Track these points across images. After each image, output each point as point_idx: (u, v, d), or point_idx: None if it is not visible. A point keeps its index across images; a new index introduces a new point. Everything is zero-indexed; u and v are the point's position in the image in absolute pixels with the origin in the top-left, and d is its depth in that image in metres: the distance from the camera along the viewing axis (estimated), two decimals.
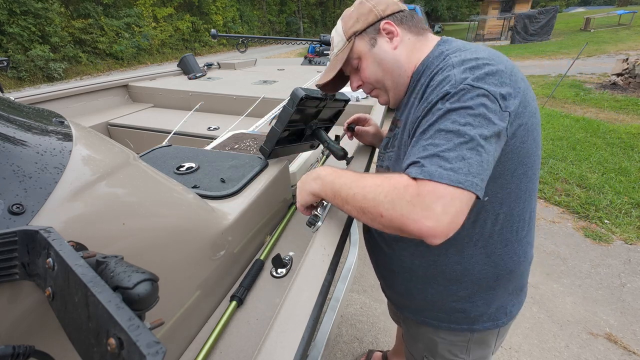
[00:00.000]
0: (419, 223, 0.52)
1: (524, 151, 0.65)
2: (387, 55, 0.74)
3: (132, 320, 0.24)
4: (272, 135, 0.92)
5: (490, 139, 0.56)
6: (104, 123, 2.17)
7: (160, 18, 17.28)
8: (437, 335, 0.89)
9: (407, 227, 0.53)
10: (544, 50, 12.29)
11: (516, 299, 0.83)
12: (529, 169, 0.68)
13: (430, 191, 0.52)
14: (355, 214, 0.63)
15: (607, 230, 2.64)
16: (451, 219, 0.51)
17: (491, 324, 0.82)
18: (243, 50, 3.33)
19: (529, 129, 0.64)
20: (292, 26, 28.25)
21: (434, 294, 0.82)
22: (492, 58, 0.62)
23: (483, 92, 0.57)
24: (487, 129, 0.55)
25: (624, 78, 6.58)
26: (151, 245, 0.54)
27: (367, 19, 0.75)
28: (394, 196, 0.55)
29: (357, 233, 1.10)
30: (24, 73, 11.23)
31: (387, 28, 0.73)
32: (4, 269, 0.35)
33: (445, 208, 0.51)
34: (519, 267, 0.77)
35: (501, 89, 0.58)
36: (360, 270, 2.33)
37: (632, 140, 4.09)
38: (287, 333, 0.48)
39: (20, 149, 0.43)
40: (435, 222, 0.51)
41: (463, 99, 0.57)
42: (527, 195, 0.71)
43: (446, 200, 0.51)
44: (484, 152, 0.54)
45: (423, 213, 0.51)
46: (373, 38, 0.75)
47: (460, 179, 0.52)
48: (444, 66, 0.64)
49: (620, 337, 1.80)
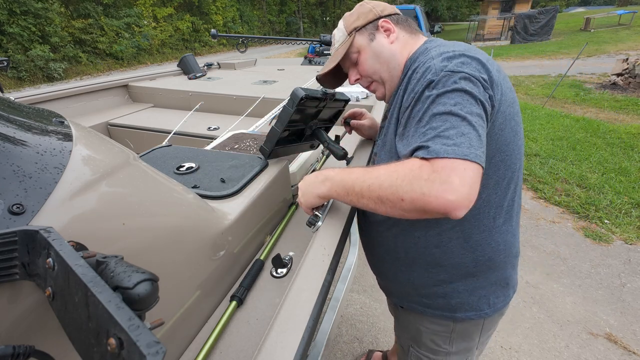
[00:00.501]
0: (440, 198, 0.53)
1: (502, 139, 0.69)
2: (384, 48, 0.81)
3: (132, 320, 0.24)
4: (272, 135, 0.92)
5: (480, 116, 0.60)
6: (104, 123, 2.17)
7: (160, 18, 17.29)
8: (421, 324, 0.92)
9: (430, 204, 0.54)
10: (544, 50, 12.30)
11: (501, 292, 0.84)
12: (507, 157, 0.71)
13: (444, 166, 0.54)
14: (373, 206, 0.63)
15: (607, 230, 2.64)
16: (469, 189, 0.54)
17: (473, 313, 0.83)
18: (243, 50, 3.33)
19: (506, 117, 0.68)
20: (292, 26, 28.25)
21: (416, 277, 0.85)
22: (469, 50, 0.68)
23: (464, 76, 0.61)
24: (475, 106, 0.60)
25: (624, 78, 6.58)
26: (151, 245, 0.54)
27: (367, 17, 0.83)
28: (411, 177, 0.56)
29: (357, 233, 1.10)
30: (24, 73, 11.23)
31: (385, 25, 0.82)
32: (4, 269, 0.35)
33: (461, 179, 0.53)
34: (498, 255, 0.79)
35: (481, 74, 0.63)
36: (360, 270, 2.33)
37: (632, 140, 4.09)
38: (287, 333, 0.48)
39: (21, 149, 0.43)
40: (456, 194, 0.53)
41: (447, 83, 0.61)
42: (506, 184, 0.73)
43: (460, 172, 0.54)
44: (478, 127, 0.58)
45: (443, 187, 0.53)
46: (372, 33, 0.82)
47: (465, 152, 0.55)
48: (425, 59, 0.70)
49: (620, 337, 1.80)
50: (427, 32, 7.57)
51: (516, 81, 8.20)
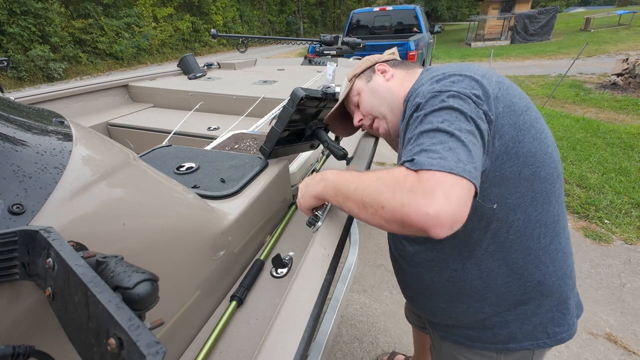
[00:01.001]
0: (420, 212, 0.49)
1: (524, 151, 0.64)
2: (380, 86, 0.86)
3: (132, 320, 0.24)
4: (272, 135, 0.92)
5: (470, 132, 0.56)
6: (104, 123, 2.17)
7: (160, 18, 17.28)
8: (460, 353, 0.86)
9: (409, 216, 0.50)
10: (544, 50, 12.30)
11: (561, 319, 0.75)
12: (538, 169, 0.65)
13: (429, 178, 0.51)
14: (357, 211, 0.61)
15: (607, 230, 2.64)
16: (454, 206, 0.49)
17: (530, 343, 0.75)
18: (243, 50, 3.33)
19: (520, 127, 0.63)
20: (292, 26, 28.25)
21: (459, 312, 0.79)
22: (460, 69, 0.66)
23: (452, 94, 0.60)
24: (465, 123, 0.57)
25: (624, 78, 6.58)
26: (151, 245, 0.54)
27: (365, 64, 0.93)
28: (394, 185, 0.54)
29: (357, 233, 1.10)
30: (24, 73, 11.23)
31: (381, 68, 0.89)
32: (4, 269, 0.35)
33: (446, 195, 0.49)
34: (549, 278, 0.72)
35: (472, 91, 0.61)
36: (360, 270, 2.33)
37: (632, 140, 4.09)
38: (287, 333, 0.48)
39: (21, 149, 0.43)
40: (437, 209, 0.48)
41: (434, 103, 0.60)
42: (545, 198, 0.68)
43: (446, 187, 0.50)
44: (468, 143, 0.55)
45: (425, 201, 0.49)
46: (369, 76, 0.90)
47: (451, 165, 0.51)
48: (417, 86, 0.71)
49: (620, 337, 1.80)
50: (427, 32, 7.55)
51: (516, 81, 8.20)
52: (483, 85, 0.63)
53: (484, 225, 0.68)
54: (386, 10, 7.58)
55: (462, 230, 0.62)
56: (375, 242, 2.62)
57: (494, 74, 0.68)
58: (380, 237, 2.68)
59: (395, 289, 2.17)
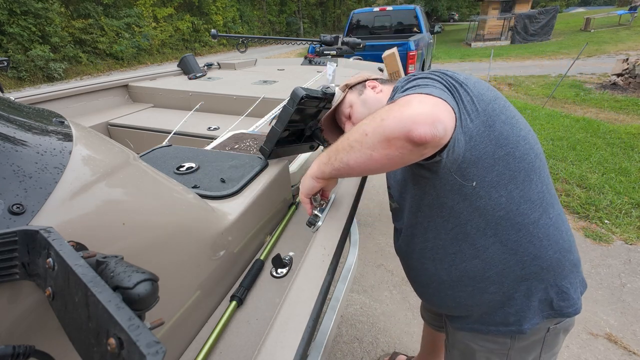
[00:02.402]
0: (397, 118, 0.55)
1: (496, 134, 0.69)
2: (370, 98, 0.94)
3: (132, 320, 0.24)
4: (272, 135, 0.92)
5: (442, 88, 0.63)
6: (104, 123, 2.17)
7: (160, 18, 17.29)
8: (474, 342, 0.87)
9: (389, 127, 0.56)
10: (544, 50, 12.30)
11: (566, 294, 0.77)
12: (512, 149, 0.70)
13: (405, 97, 0.59)
14: (347, 158, 0.66)
15: (607, 231, 2.64)
16: (430, 107, 0.56)
17: (538, 318, 0.78)
18: (243, 50, 3.33)
19: (490, 113, 0.69)
20: (292, 26, 28.25)
21: (465, 297, 0.82)
22: (432, 70, 0.73)
23: (424, 75, 0.68)
24: (438, 84, 0.65)
25: (624, 78, 6.58)
26: (151, 245, 0.54)
27: (357, 79, 1.02)
28: (376, 114, 0.61)
29: (357, 233, 1.10)
30: (24, 73, 11.23)
31: (372, 83, 0.98)
32: (4, 269, 0.35)
33: (420, 101, 0.57)
34: (545, 252, 0.74)
35: (440, 77, 0.68)
36: (360, 270, 2.33)
37: (632, 141, 4.09)
38: (287, 333, 0.48)
39: (21, 149, 0.43)
40: (412, 111, 0.55)
41: (407, 85, 0.67)
42: (525, 176, 0.72)
43: (420, 98, 0.57)
44: (441, 87, 0.63)
45: (400, 109, 0.56)
46: (361, 90, 0.97)
47: (427, 91, 0.59)
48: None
49: (620, 337, 1.80)
50: (427, 32, 7.55)
51: (516, 81, 8.20)
52: (451, 76, 0.69)
53: (468, 204, 0.73)
54: (386, 10, 7.58)
55: (450, 210, 0.75)
56: (375, 242, 2.62)
57: (461, 73, 0.73)
58: (380, 237, 2.68)
59: (395, 289, 2.17)
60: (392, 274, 2.31)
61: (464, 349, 0.91)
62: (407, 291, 2.15)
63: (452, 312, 0.90)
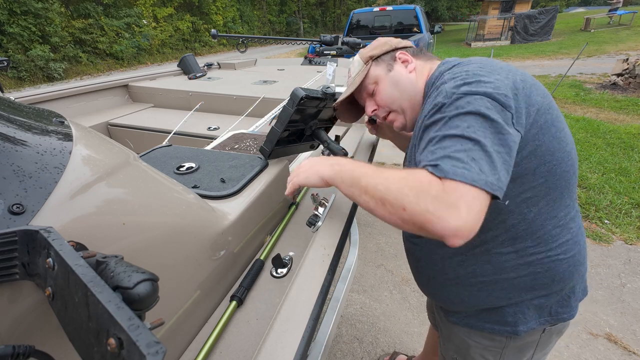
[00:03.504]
0: (443, 221, 0.51)
1: (543, 149, 0.64)
2: (402, 77, 0.81)
3: (132, 320, 0.24)
4: (272, 135, 0.92)
5: (497, 140, 0.56)
6: (104, 123, 2.17)
7: (160, 18, 17.28)
8: (470, 337, 0.87)
9: (431, 223, 0.52)
10: (544, 50, 12.30)
11: (566, 302, 0.78)
12: (554, 166, 0.66)
13: (454, 189, 0.52)
14: (373, 206, 0.61)
15: (607, 231, 2.64)
16: (473, 219, 0.51)
17: (534, 322, 0.78)
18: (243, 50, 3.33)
19: (542, 126, 0.63)
20: (292, 26, 28.24)
21: (469, 296, 0.81)
22: (483, 67, 0.65)
23: (479, 97, 0.58)
24: (491, 130, 0.56)
25: (624, 78, 6.57)
26: (151, 245, 0.54)
27: (383, 48, 0.85)
28: (419, 190, 0.54)
29: (357, 233, 1.10)
30: (24, 73, 11.23)
31: (403, 57, 0.83)
32: (4, 269, 0.35)
33: (468, 208, 0.51)
34: (560, 265, 0.73)
35: (497, 91, 0.59)
36: (360, 270, 2.33)
37: (632, 141, 4.09)
38: (287, 333, 0.48)
39: (21, 148, 0.43)
40: (459, 221, 0.50)
41: (460, 105, 0.59)
42: (558, 193, 0.69)
43: (469, 200, 0.51)
44: (492, 152, 0.55)
45: (449, 211, 0.51)
46: (390, 64, 0.83)
47: (474, 177, 0.52)
48: (439, 83, 0.69)
49: (620, 337, 1.80)
50: (427, 32, 7.55)
51: None
52: (509, 85, 0.61)
53: (494, 216, 0.70)
54: (386, 10, 7.59)
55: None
56: (375, 242, 2.62)
57: (517, 71, 0.66)
58: (380, 237, 2.68)
59: (395, 289, 2.17)
60: (392, 274, 2.30)
61: (459, 343, 0.92)
62: (407, 291, 2.15)
63: (450, 307, 0.89)
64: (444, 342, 1.00)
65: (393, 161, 3.89)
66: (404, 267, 2.34)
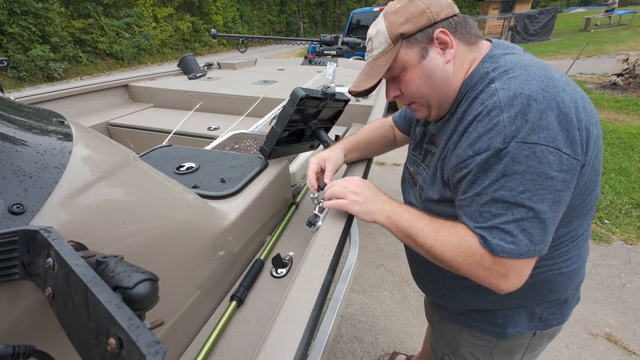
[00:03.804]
0: (493, 285, 0.61)
1: (582, 182, 0.60)
2: (437, 69, 0.65)
3: (132, 320, 0.24)
4: (272, 135, 0.92)
5: (552, 200, 0.54)
6: (104, 123, 2.17)
7: (160, 18, 17.28)
8: (461, 335, 0.88)
9: (483, 283, 0.62)
10: (544, 50, 12.29)
11: (557, 309, 0.78)
12: (587, 195, 0.64)
13: (503, 263, 0.58)
14: (427, 257, 0.68)
15: (607, 231, 2.64)
16: (522, 280, 0.60)
17: (524, 327, 0.78)
18: (243, 50, 3.33)
19: (589, 161, 0.58)
20: (292, 26, 28.24)
21: (464, 296, 0.80)
22: (546, 85, 0.54)
23: (540, 149, 0.52)
24: (547, 192, 0.53)
25: (624, 78, 6.57)
26: (151, 245, 0.54)
27: (419, 21, 0.63)
28: (471, 261, 0.60)
29: (357, 233, 1.10)
30: (24, 73, 11.22)
31: (442, 38, 0.63)
32: (4, 269, 0.35)
33: (517, 275, 0.59)
34: (559, 279, 0.73)
35: (562, 134, 0.52)
36: (360, 270, 2.33)
37: (632, 141, 4.09)
38: (287, 333, 0.48)
39: (21, 148, 0.43)
40: (509, 285, 0.60)
41: (518, 159, 0.52)
42: (580, 217, 0.67)
43: (517, 269, 0.58)
44: (546, 218, 0.55)
45: (499, 279, 0.60)
46: (424, 48, 0.64)
47: (522, 251, 0.56)
48: (489, 101, 0.57)
49: (620, 337, 1.80)
50: None
51: None
52: (573, 121, 0.54)
53: None
54: None
55: None
56: (375, 242, 2.62)
57: (579, 95, 0.58)
58: (380, 237, 2.68)
59: (395, 289, 2.17)
60: (392, 274, 2.30)
61: (450, 340, 0.92)
62: (407, 291, 2.15)
63: (444, 304, 0.89)
64: (435, 337, 1.01)
65: (393, 161, 3.89)
66: (404, 267, 2.34)
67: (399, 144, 1.05)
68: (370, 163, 1.10)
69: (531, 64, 0.59)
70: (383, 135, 1.03)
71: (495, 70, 0.61)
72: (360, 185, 0.74)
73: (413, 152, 0.86)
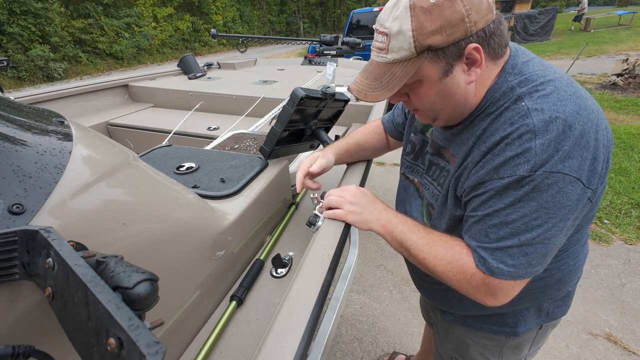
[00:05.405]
0: (480, 300, 0.63)
1: (598, 196, 0.60)
2: (457, 90, 0.59)
3: (132, 320, 0.24)
4: (272, 135, 0.92)
5: (564, 219, 0.55)
6: (104, 123, 2.17)
7: (160, 18, 17.28)
8: (469, 337, 0.88)
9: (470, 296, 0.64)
10: (544, 50, 12.29)
11: (562, 302, 0.81)
12: (593, 208, 0.63)
13: (494, 284, 0.59)
14: (416, 265, 0.71)
15: (607, 231, 2.64)
16: (508, 299, 0.62)
17: (532, 322, 0.80)
18: (243, 50, 3.33)
19: (602, 179, 0.57)
20: (292, 26, 28.23)
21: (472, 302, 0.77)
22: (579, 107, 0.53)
23: (563, 178, 0.51)
24: (559, 218, 0.54)
25: (624, 78, 6.57)
26: (151, 245, 0.54)
27: (454, 33, 0.53)
28: (462, 279, 0.62)
29: (357, 233, 1.09)
30: (24, 73, 11.22)
31: (473, 56, 0.55)
32: (4, 269, 0.35)
33: (506, 296, 0.61)
34: (567, 275, 0.74)
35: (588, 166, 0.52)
36: (360, 270, 2.33)
37: (632, 141, 4.08)
38: (287, 333, 0.48)
39: (20, 148, 0.43)
40: (495, 303, 0.62)
41: (540, 187, 0.52)
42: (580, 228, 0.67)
43: (507, 290, 0.60)
44: (550, 244, 0.57)
45: (486, 297, 0.62)
46: (450, 64, 0.56)
47: (520, 274, 0.58)
48: (519, 123, 0.53)
49: (620, 337, 1.80)
50: None
51: None
52: (600, 158, 0.53)
53: None
54: None
55: None
56: (375, 242, 2.62)
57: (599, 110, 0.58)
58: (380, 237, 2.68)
59: (395, 289, 2.17)
60: (392, 274, 2.30)
61: (457, 343, 0.91)
62: (407, 291, 2.15)
63: (449, 310, 0.89)
64: (441, 341, 1.00)
65: (393, 161, 3.89)
66: (404, 267, 2.34)
67: (392, 148, 1.06)
68: (369, 164, 1.10)
69: (557, 77, 0.57)
70: (376, 140, 1.03)
71: (521, 85, 0.57)
72: (356, 195, 0.76)
73: (413, 161, 0.84)
